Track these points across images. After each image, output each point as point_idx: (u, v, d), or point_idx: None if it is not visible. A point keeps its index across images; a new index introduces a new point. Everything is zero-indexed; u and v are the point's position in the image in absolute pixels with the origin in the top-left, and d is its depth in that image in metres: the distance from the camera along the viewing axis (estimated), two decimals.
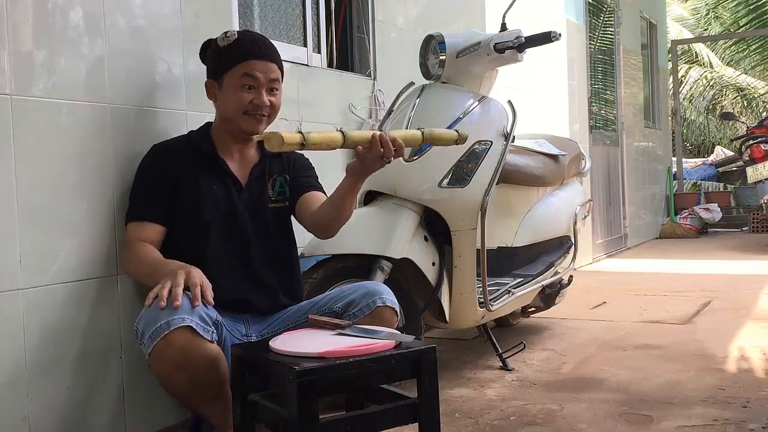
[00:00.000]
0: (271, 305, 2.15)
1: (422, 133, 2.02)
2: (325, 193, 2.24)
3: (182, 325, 1.76)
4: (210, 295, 1.83)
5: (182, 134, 2.23)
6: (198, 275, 1.86)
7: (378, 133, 1.90)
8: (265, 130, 2.03)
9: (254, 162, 2.20)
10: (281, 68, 2.17)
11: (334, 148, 1.87)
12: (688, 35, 15.18)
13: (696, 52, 14.99)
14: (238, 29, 2.16)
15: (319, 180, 2.32)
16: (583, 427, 2.31)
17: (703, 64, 14.91)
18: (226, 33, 2.12)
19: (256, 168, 2.19)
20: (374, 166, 1.95)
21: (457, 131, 2.10)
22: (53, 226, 1.97)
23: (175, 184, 2.07)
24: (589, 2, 6.46)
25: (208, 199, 2.08)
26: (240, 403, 1.82)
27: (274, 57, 2.14)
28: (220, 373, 1.86)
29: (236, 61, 2.08)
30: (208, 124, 2.21)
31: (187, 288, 1.82)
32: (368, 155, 1.91)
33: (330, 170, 3.22)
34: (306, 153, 2.34)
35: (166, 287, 1.80)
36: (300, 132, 1.78)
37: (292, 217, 2.26)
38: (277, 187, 2.21)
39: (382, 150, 1.89)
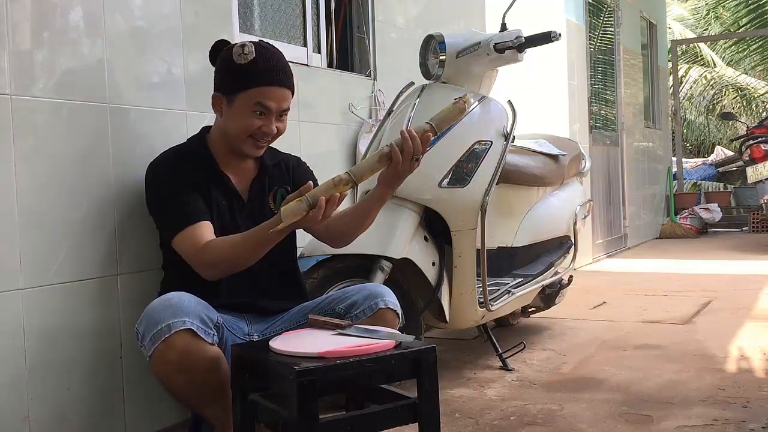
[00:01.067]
0: (275, 308, 2.14)
1: (431, 125, 1.91)
2: None
3: (183, 328, 1.76)
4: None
5: (173, 146, 2.14)
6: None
7: (402, 131, 1.85)
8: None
9: (253, 173, 2.14)
10: (293, 91, 2.08)
11: (342, 189, 1.81)
12: (690, 35, 15.18)
13: (698, 52, 14.99)
14: (254, 41, 2.05)
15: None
16: (583, 427, 2.31)
17: (706, 63, 14.90)
18: (243, 48, 2.01)
19: (256, 181, 2.14)
20: (407, 170, 1.90)
21: (457, 99, 1.92)
22: (53, 226, 1.97)
23: (194, 188, 2.01)
24: (589, 2, 6.46)
25: (214, 214, 2.04)
26: (240, 403, 1.82)
27: (289, 83, 2.06)
28: (222, 375, 1.85)
29: (252, 85, 1.99)
30: (205, 130, 2.15)
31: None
32: (401, 158, 1.86)
33: (332, 173, 3.23)
34: (305, 158, 2.34)
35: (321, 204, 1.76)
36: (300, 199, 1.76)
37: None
38: (278, 199, 2.15)
39: (411, 146, 1.85)
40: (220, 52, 2.09)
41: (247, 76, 2.00)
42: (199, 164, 2.07)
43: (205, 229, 1.96)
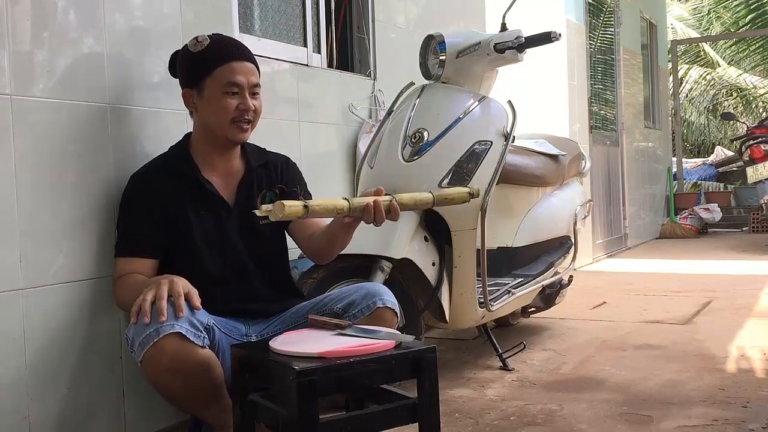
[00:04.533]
0: (270, 310, 2.14)
1: (433, 195, 1.98)
2: None
3: (171, 331, 1.75)
4: (197, 301, 1.81)
5: (160, 155, 2.14)
6: (182, 284, 1.82)
7: (372, 200, 1.84)
8: (263, 206, 1.74)
9: (240, 175, 2.13)
10: (258, 69, 2.11)
11: (339, 215, 1.85)
12: (693, 34, 15.18)
13: (699, 51, 15.00)
14: (209, 34, 2.10)
15: (318, 188, 2.27)
16: (583, 427, 2.31)
17: (707, 63, 14.90)
18: (196, 38, 2.06)
19: (243, 183, 2.12)
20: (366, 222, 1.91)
21: (469, 188, 2.07)
22: (53, 226, 1.97)
23: (162, 212, 2.01)
24: (589, 2, 6.46)
25: (197, 227, 2.04)
26: (240, 403, 1.82)
27: (252, 58, 2.09)
28: (215, 377, 1.85)
29: (217, 64, 2.02)
30: (187, 137, 2.15)
31: (171, 297, 1.79)
32: (360, 218, 1.87)
33: (329, 179, 3.23)
34: (305, 158, 2.34)
35: (147, 299, 1.76)
36: (303, 202, 1.72)
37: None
38: (267, 202, 2.14)
39: (373, 217, 1.85)
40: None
41: (208, 60, 2.04)
42: (180, 174, 2.05)
43: (132, 266, 1.99)
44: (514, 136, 2.85)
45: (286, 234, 2.22)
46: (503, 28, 2.93)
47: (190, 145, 2.12)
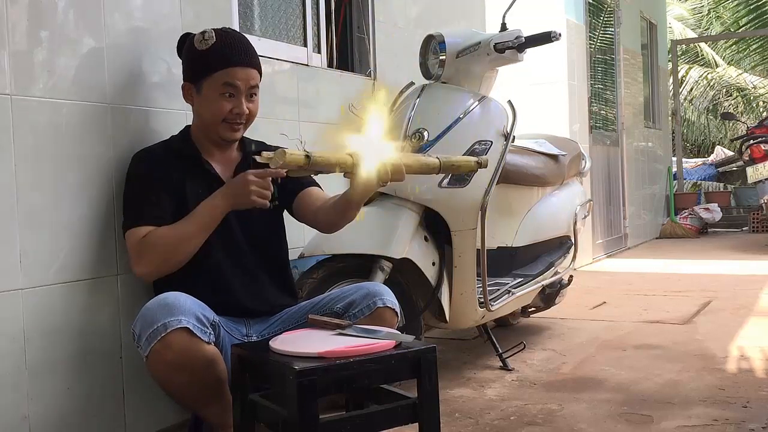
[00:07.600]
0: (268, 307, 2.14)
1: (439, 160, 1.96)
2: (319, 186, 2.22)
3: (179, 326, 1.76)
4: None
5: (162, 140, 2.17)
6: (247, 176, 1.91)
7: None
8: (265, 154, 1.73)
9: (237, 162, 2.16)
10: (260, 71, 2.12)
11: (341, 170, 1.81)
12: (692, 34, 15.18)
13: (699, 51, 15.00)
14: (215, 28, 2.10)
15: (317, 178, 2.29)
16: (583, 427, 2.31)
17: (707, 63, 14.90)
18: (203, 34, 2.06)
19: (240, 169, 2.13)
20: (372, 187, 1.90)
21: (477, 158, 2.06)
22: (53, 226, 1.97)
23: (167, 187, 2.03)
24: (589, 2, 6.46)
25: (194, 205, 2.03)
26: (240, 403, 1.82)
27: (253, 62, 2.09)
28: (218, 374, 1.85)
29: (216, 68, 2.03)
30: (188, 127, 2.18)
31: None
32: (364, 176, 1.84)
33: (328, 178, 3.22)
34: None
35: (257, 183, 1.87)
36: (305, 152, 1.68)
37: (287, 214, 2.25)
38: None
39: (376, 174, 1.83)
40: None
41: (211, 61, 2.04)
42: (181, 155, 2.08)
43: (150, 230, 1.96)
44: (514, 136, 2.85)
45: (286, 226, 2.23)
46: (503, 28, 2.94)
47: (190, 133, 2.16)
